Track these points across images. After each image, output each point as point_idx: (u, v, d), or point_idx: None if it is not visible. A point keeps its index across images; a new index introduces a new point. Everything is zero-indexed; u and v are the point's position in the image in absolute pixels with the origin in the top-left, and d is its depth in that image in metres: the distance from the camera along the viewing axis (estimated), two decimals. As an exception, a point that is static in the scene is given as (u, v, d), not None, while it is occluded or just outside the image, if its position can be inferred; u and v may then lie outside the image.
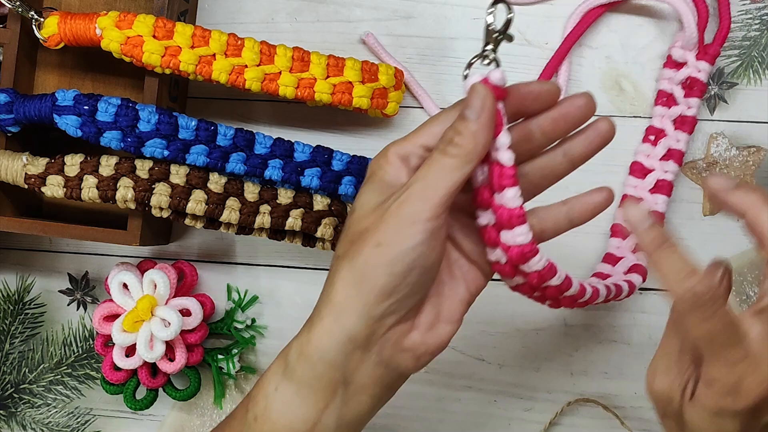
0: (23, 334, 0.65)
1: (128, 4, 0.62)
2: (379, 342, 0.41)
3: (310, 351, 0.41)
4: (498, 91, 0.40)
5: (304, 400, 0.42)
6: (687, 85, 0.59)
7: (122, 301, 0.59)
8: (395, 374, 0.43)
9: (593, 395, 0.62)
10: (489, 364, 0.62)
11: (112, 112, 0.54)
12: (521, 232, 0.40)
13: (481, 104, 0.39)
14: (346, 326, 0.40)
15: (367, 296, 0.40)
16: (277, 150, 0.57)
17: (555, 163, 0.45)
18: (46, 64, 0.62)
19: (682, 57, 0.59)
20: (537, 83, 0.43)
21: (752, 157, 0.61)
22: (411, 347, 0.42)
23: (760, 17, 0.61)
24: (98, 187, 0.55)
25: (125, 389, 0.60)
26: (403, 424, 0.63)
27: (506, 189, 0.39)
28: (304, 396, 0.42)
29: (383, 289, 0.40)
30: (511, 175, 0.39)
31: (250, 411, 0.44)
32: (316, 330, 0.41)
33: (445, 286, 0.44)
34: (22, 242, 0.65)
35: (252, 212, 0.56)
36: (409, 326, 0.42)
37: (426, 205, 0.39)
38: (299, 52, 0.56)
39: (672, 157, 0.59)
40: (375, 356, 0.42)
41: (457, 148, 0.39)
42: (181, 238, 0.64)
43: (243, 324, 0.62)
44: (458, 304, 0.44)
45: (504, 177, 0.39)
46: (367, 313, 0.40)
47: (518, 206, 0.40)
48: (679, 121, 0.59)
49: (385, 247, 0.39)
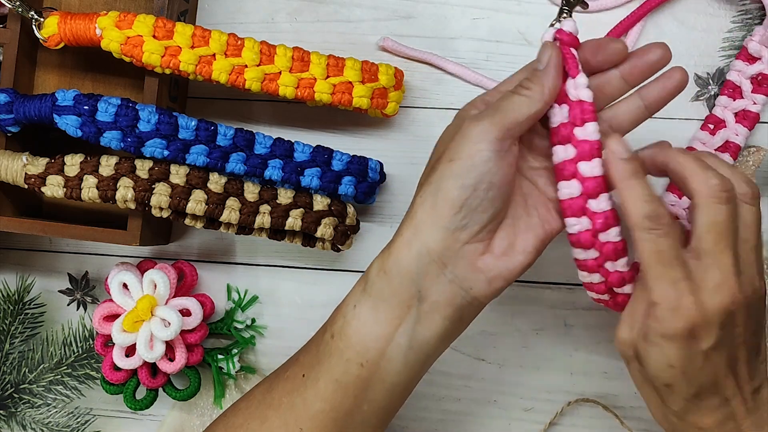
0: (23, 334, 0.65)
1: (128, 4, 0.62)
2: (453, 258, 0.44)
3: (389, 265, 0.45)
4: (571, 39, 0.46)
5: (379, 315, 0.45)
6: (757, 80, 0.59)
7: (122, 301, 0.59)
8: (468, 297, 0.45)
9: (593, 395, 0.62)
10: (489, 364, 0.62)
11: (112, 112, 0.54)
12: (598, 164, 0.44)
13: (548, 56, 0.45)
14: (422, 239, 0.44)
15: (441, 209, 0.44)
16: (277, 150, 0.57)
17: (632, 107, 0.49)
18: (46, 64, 0.62)
19: (758, 52, 0.59)
20: (607, 39, 0.47)
21: (752, 157, 0.61)
22: (484, 268, 0.45)
23: (760, 17, 0.61)
24: (98, 187, 0.55)
25: (125, 389, 0.60)
26: (403, 424, 0.63)
27: (587, 123, 0.44)
28: (381, 311, 0.45)
29: (455, 201, 0.44)
30: (591, 110, 0.44)
31: (327, 330, 0.47)
32: (396, 245, 0.45)
33: (521, 220, 0.47)
34: (22, 242, 0.65)
35: (252, 212, 0.56)
36: (483, 247, 0.45)
37: (494, 127, 0.44)
38: (299, 52, 0.56)
39: (728, 150, 0.59)
40: (449, 273, 0.45)
41: (527, 90, 0.45)
42: (181, 238, 0.64)
43: (243, 324, 0.62)
44: (533, 238, 0.47)
45: (585, 112, 0.44)
46: (442, 226, 0.44)
47: (597, 140, 0.44)
48: (741, 115, 0.59)
49: (456, 161, 0.44)
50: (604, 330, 0.61)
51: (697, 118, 0.61)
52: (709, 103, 0.61)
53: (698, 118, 0.61)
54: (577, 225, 0.45)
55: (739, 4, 0.61)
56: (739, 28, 0.61)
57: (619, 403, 0.61)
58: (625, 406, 0.61)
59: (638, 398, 0.61)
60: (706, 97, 0.61)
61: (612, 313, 0.61)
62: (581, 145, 0.44)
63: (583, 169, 0.44)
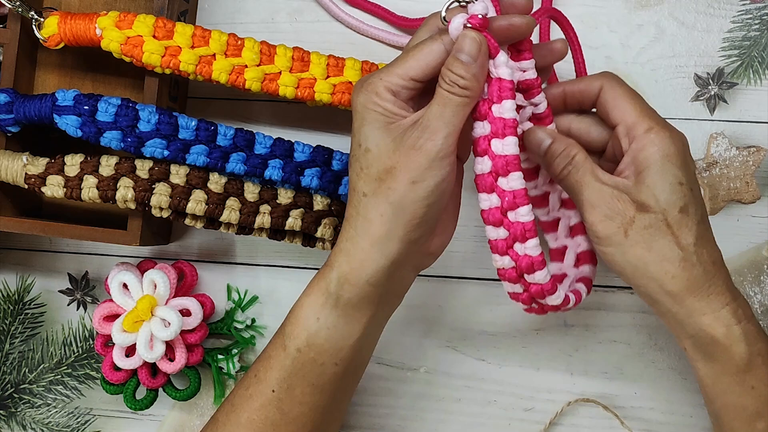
0: (23, 334, 0.65)
1: (128, 4, 0.62)
2: (412, 257, 0.47)
3: (355, 278, 0.47)
4: (485, 21, 0.45)
5: (349, 319, 0.47)
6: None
7: (122, 301, 0.59)
8: (418, 272, 0.50)
9: (593, 395, 0.61)
10: (489, 364, 0.62)
11: (112, 112, 0.54)
12: (512, 142, 0.45)
13: (477, 49, 0.44)
14: (389, 254, 0.46)
15: (406, 226, 0.45)
16: (277, 150, 0.57)
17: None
18: (46, 64, 0.62)
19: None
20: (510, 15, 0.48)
21: (752, 157, 0.61)
22: (433, 249, 0.49)
23: (760, 17, 0.61)
24: (98, 187, 0.55)
25: (125, 389, 0.60)
26: (403, 424, 0.63)
27: (504, 101, 0.45)
28: (350, 316, 0.47)
29: (422, 219, 0.45)
30: (509, 88, 0.45)
31: (289, 345, 0.48)
32: (359, 260, 0.46)
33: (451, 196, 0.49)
34: (22, 242, 0.65)
35: (252, 212, 0.56)
36: (433, 236, 0.48)
37: (448, 141, 0.45)
38: (299, 52, 0.56)
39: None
40: (409, 267, 0.48)
41: (465, 90, 0.44)
42: (181, 238, 0.64)
43: (243, 324, 0.62)
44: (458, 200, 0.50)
45: (503, 90, 0.45)
46: (408, 240, 0.46)
47: (513, 118, 0.45)
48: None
49: (420, 183, 0.45)
50: (605, 330, 0.61)
51: (697, 118, 0.61)
52: (709, 104, 0.61)
53: (698, 118, 0.61)
54: (487, 201, 0.47)
55: (739, 4, 0.62)
56: (739, 28, 0.61)
57: (619, 403, 0.61)
58: (625, 406, 0.61)
59: (638, 398, 0.61)
60: (706, 97, 0.61)
61: (612, 313, 0.61)
62: (496, 123, 0.45)
63: (495, 147, 0.45)
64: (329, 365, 0.48)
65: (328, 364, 0.48)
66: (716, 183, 0.61)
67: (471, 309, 0.62)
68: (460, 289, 0.62)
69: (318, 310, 0.48)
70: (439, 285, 0.62)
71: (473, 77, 0.44)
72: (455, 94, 0.45)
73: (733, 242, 0.61)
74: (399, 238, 0.46)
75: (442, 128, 0.44)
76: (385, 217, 0.45)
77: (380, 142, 0.45)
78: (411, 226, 0.45)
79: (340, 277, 0.47)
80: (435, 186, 0.45)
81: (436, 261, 0.51)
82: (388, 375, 0.63)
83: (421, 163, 0.44)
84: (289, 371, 0.48)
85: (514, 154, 0.45)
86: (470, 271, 0.62)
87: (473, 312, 0.62)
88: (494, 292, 0.62)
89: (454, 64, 0.45)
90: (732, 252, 0.61)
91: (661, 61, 0.61)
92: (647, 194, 0.46)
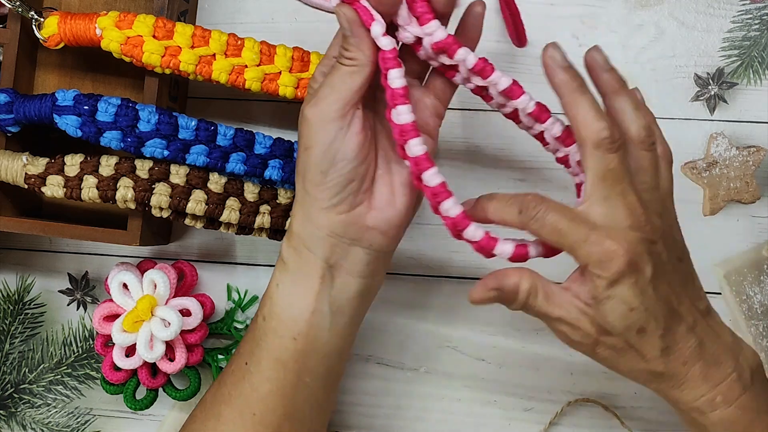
0: (23, 334, 0.65)
1: (128, 4, 0.62)
2: (343, 227, 0.48)
3: (295, 243, 0.49)
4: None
5: (299, 289, 0.49)
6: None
7: (122, 301, 0.59)
8: (372, 252, 0.49)
9: (593, 395, 0.62)
10: (489, 364, 0.62)
11: (112, 112, 0.54)
12: (404, 110, 0.45)
13: (347, 22, 0.46)
14: (311, 220, 0.48)
15: (313, 194, 0.47)
16: (277, 150, 0.57)
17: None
18: (46, 64, 0.62)
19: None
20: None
21: (752, 157, 0.61)
22: (375, 224, 0.48)
23: (760, 17, 0.61)
24: (98, 187, 0.55)
25: (125, 389, 0.60)
26: (403, 424, 0.63)
27: (390, 70, 0.45)
28: (299, 285, 0.49)
29: (321, 184, 0.47)
30: (392, 57, 0.46)
31: (259, 315, 0.50)
32: (294, 225, 0.49)
33: (392, 168, 0.49)
34: (22, 242, 0.65)
35: (252, 212, 0.56)
36: (366, 207, 0.48)
37: (333, 107, 0.46)
38: (299, 52, 0.56)
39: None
40: (346, 240, 0.48)
41: (349, 60, 0.46)
42: (181, 238, 0.64)
43: (243, 324, 0.62)
44: (407, 181, 0.49)
45: (387, 60, 0.46)
46: (320, 207, 0.47)
47: (402, 86, 0.45)
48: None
49: (310, 149, 0.47)
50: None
51: (697, 118, 0.61)
52: (709, 104, 0.61)
53: (698, 118, 0.61)
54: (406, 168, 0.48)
55: (739, 4, 0.62)
56: (739, 28, 0.61)
57: (619, 403, 0.61)
58: (625, 406, 0.61)
59: (638, 398, 0.61)
60: (706, 97, 0.61)
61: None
62: (387, 92, 0.46)
63: (392, 117, 0.46)
64: (288, 339, 0.49)
65: (287, 337, 0.49)
66: (716, 183, 0.61)
67: (471, 309, 0.62)
68: (460, 289, 0.62)
69: (278, 276, 0.50)
70: (439, 285, 0.62)
71: (354, 47, 0.46)
72: (341, 64, 0.47)
73: (733, 242, 0.61)
74: (312, 206, 0.47)
75: (327, 95, 0.46)
76: (299, 185, 0.48)
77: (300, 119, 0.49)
78: (315, 192, 0.47)
79: (286, 242, 0.49)
80: (320, 151, 0.46)
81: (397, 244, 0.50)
82: (388, 375, 0.63)
83: (308, 129, 0.47)
84: (257, 341, 0.50)
85: (409, 122, 0.46)
86: (470, 271, 0.62)
87: (473, 312, 0.62)
88: (494, 292, 0.62)
89: (337, 37, 0.48)
90: (732, 252, 0.61)
91: (661, 61, 0.61)
92: (603, 321, 0.45)
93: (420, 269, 0.62)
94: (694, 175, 0.61)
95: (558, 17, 0.62)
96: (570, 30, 0.62)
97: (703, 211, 0.61)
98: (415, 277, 0.62)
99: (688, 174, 0.61)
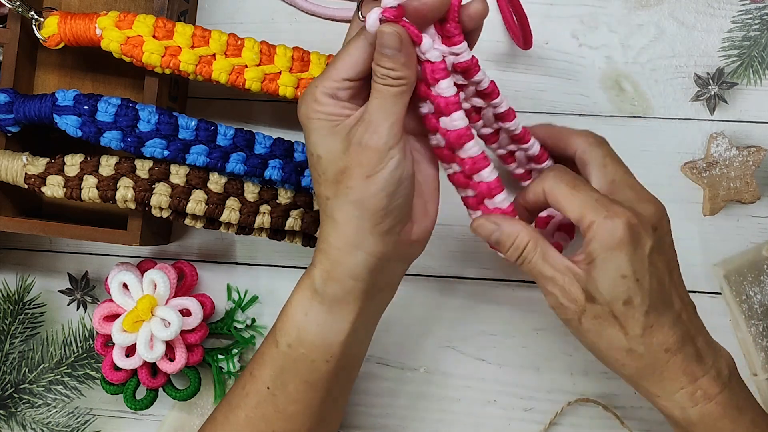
0: (23, 334, 0.65)
1: (128, 4, 0.62)
2: (392, 248, 0.47)
3: (337, 274, 0.47)
4: (400, 11, 0.45)
5: (336, 315, 0.48)
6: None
7: (122, 301, 0.59)
8: (408, 262, 0.51)
9: (593, 395, 0.62)
10: (489, 364, 0.62)
11: (112, 112, 0.54)
12: (458, 117, 0.46)
13: (397, 41, 0.44)
14: (365, 248, 0.47)
15: (372, 220, 0.46)
16: (277, 150, 0.57)
17: None
18: (46, 64, 0.62)
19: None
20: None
21: (752, 157, 0.61)
22: (415, 238, 0.49)
23: (760, 17, 0.61)
24: (98, 187, 0.55)
25: (125, 389, 0.60)
26: (403, 424, 0.63)
27: (440, 81, 0.46)
28: (337, 312, 0.48)
29: (385, 209, 0.46)
30: (443, 68, 0.46)
31: (281, 342, 0.49)
32: (336, 257, 0.47)
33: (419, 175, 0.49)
34: (22, 242, 0.65)
35: (252, 212, 0.56)
36: (411, 224, 0.48)
37: (392, 131, 0.45)
38: (299, 52, 0.56)
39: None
40: (393, 258, 0.48)
41: (398, 80, 0.45)
42: (181, 238, 0.64)
43: (243, 324, 0.62)
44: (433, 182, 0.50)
45: (437, 71, 0.46)
46: (379, 232, 0.46)
47: (455, 93, 0.46)
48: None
49: (374, 176, 0.45)
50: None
51: (697, 118, 0.61)
52: (709, 104, 0.61)
53: (698, 118, 0.61)
54: (450, 169, 0.49)
55: (739, 4, 0.62)
56: (739, 28, 0.61)
57: (619, 403, 0.61)
58: (625, 406, 0.61)
59: (638, 398, 0.61)
60: (706, 97, 0.61)
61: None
62: (438, 102, 0.46)
63: (443, 123, 0.46)
64: (320, 362, 0.48)
65: (319, 360, 0.48)
66: (716, 183, 0.61)
67: (471, 309, 0.62)
68: (459, 289, 0.62)
69: (306, 305, 0.48)
70: (439, 285, 0.62)
71: (402, 66, 0.45)
72: (390, 86, 0.45)
73: (733, 242, 0.61)
74: (369, 232, 0.46)
75: (383, 120, 0.45)
76: (350, 215, 0.46)
77: (329, 146, 0.46)
78: (377, 219, 0.46)
79: (323, 274, 0.48)
80: (389, 176, 0.45)
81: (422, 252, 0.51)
82: (388, 375, 0.63)
83: (371, 157, 0.45)
84: (282, 367, 0.49)
85: (464, 126, 0.46)
86: (470, 271, 0.62)
87: (473, 312, 0.62)
88: (494, 291, 0.62)
89: (381, 59, 0.45)
90: (732, 252, 0.61)
91: (661, 61, 0.61)
92: (593, 287, 0.46)
93: (420, 270, 0.62)
94: (694, 175, 0.61)
95: (558, 17, 0.62)
96: (570, 30, 0.62)
97: (703, 211, 0.61)
98: (416, 277, 0.62)
99: (688, 174, 0.61)
